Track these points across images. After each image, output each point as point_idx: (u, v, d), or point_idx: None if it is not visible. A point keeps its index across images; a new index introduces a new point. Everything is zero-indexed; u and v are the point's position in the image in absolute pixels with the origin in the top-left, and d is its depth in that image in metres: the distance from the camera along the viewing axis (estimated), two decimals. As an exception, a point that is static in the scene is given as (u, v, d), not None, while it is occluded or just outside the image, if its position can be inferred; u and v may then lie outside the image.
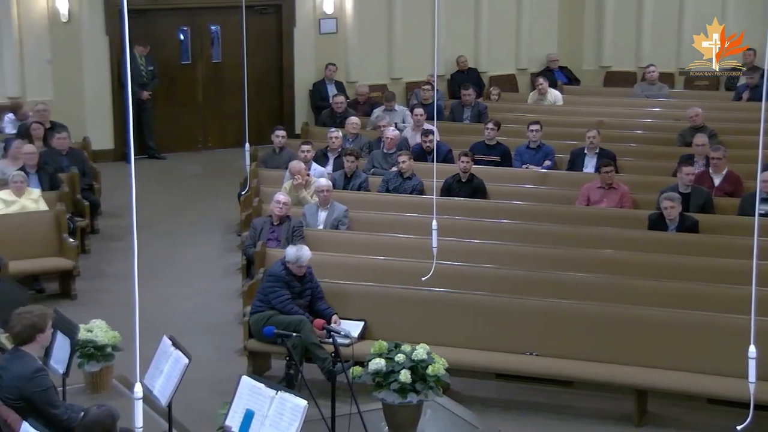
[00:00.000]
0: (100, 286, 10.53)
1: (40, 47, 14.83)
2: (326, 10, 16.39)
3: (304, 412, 5.26)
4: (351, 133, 12.90)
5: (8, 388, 5.95)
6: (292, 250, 8.34)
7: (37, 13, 14.80)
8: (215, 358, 8.69)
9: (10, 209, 10.48)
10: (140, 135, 15.22)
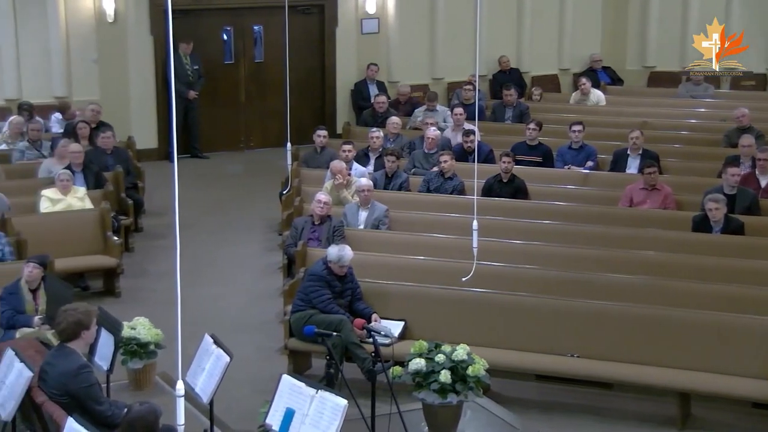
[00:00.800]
0: (144, 284, 10.63)
1: (86, 47, 15.02)
2: (368, 10, 16.41)
3: (344, 411, 5.28)
4: (392, 133, 12.91)
5: (54, 384, 6.03)
6: (334, 249, 8.36)
7: (84, 13, 14.99)
8: (256, 357, 8.74)
9: (56, 207, 10.62)
10: (185, 134, 15.35)
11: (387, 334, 7.33)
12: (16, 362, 6.04)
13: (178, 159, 5.64)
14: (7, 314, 8.12)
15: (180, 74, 14.97)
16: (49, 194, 10.65)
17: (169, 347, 7.64)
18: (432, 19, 16.92)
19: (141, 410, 5.22)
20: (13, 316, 8.13)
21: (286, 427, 5.46)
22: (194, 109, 15.38)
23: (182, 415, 5.04)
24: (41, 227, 10.17)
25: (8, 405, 6.00)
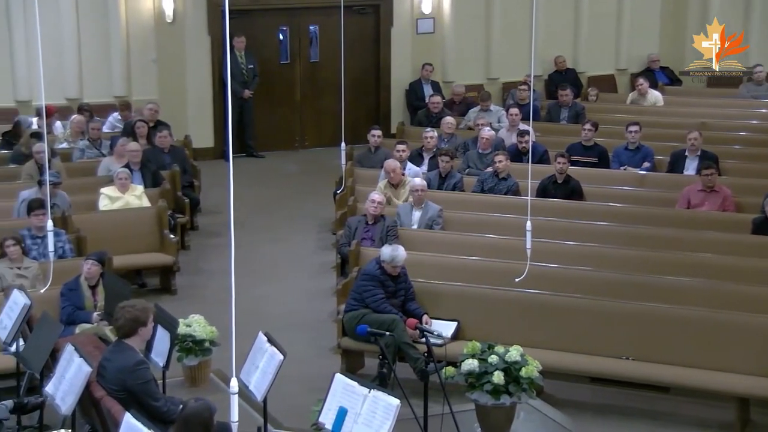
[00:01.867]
0: (199, 281, 10.74)
1: (145, 47, 15.23)
2: (424, 10, 16.40)
3: (396, 411, 5.29)
4: (446, 133, 12.89)
5: (111, 379, 6.12)
6: (388, 249, 8.37)
7: (144, 14, 15.20)
8: (309, 355, 8.78)
9: (114, 205, 10.78)
10: (240, 134, 15.48)
11: (439, 335, 7.32)
12: (76, 357, 6.14)
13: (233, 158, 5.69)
14: (67, 310, 8.26)
15: (235, 73, 15.10)
16: (108, 192, 10.81)
17: (223, 345, 7.73)
18: (487, 18, 16.85)
19: (196, 407, 5.27)
20: (73, 312, 8.27)
21: (338, 425, 5.48)
22: (249, 109, 15.50)
23: (236, 413, 5.09)
24: (100, 225, 10.33)
25: (68, 399, 6.10)
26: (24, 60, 14.39)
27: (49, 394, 6.30)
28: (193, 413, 5.25)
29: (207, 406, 5.30)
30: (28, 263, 8.82)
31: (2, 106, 14.42)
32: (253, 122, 15.67)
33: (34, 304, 7.29)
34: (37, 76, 8.41)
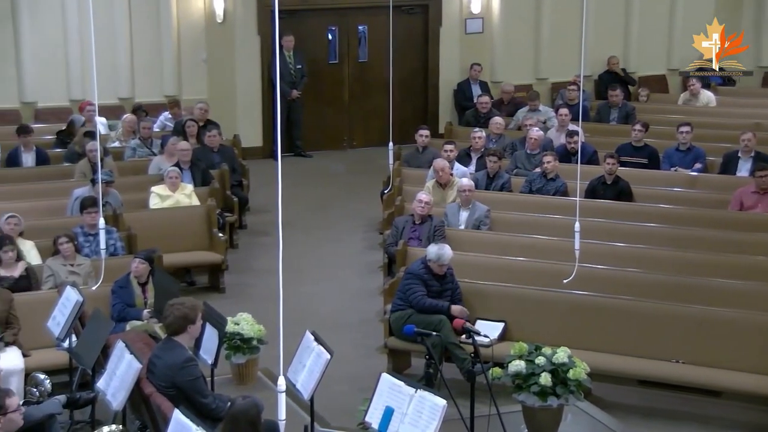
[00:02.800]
0: (247, 280, 10.81)
1: (196, 47, 15.38)
2: (473, 10, 16.35)
3: (443, 411, 5.28)
4: (494, 133, 12.85)
5: (161, 376, 6.19)
6: (434, 248, 8.36)
7: (195, 14, 15.35)
8: (356, 355, 8.80)
9: (165, 204, 10.89)
10: (288, 133, 15.56)
11: (486, 335, 7.30)
12: (126, 354, 6.22)
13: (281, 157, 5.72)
14: (117, 307, 8.36)
15: (284, 73, 15.18)
16: (158, 191, 10.93)
17: (271, 343, 7.79)
18: (537, 18, 16.75)
19: (244, 404, 5.31)
20: (124, 309, 8.37)
21: (385, 425, 5.49)
22: (297, 108, 15.58)
23: (283, 411, 5.13)
24: (151, 223, 10.44)
25: (119, 395, 6.18)
26: (78, 60, 14.60)
27: (101, 389, 6.39)
28: (241, 411, 5.29)
29: (254, 404, 5.34)
30: (80, 260, 8.94)
31: (57, 105, 14.64)
32: (301, 122, 15.75)
33: (86, 301, 7.39)
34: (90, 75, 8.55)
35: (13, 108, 14.27)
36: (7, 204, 10.14)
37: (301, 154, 15.81)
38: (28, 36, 14.46)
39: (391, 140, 11.71)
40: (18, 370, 7.46)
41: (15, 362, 7.51)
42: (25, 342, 7.83)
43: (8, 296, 7.95)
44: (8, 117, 13.62)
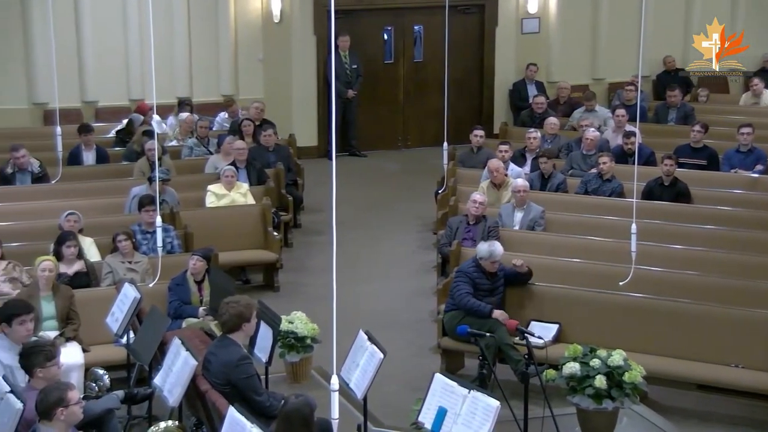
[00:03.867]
0: (301, 279, 10.87)
1: (253, 47, 15.51)
2: (530, 10, 16.27)
3: (496, 412, 5.26)
4: (549, 133, 12.77)
5: (216, 373, 6.25)
6: (485, 246, 8.34)
7: (252, 13, 15.48)
8: (409, 355, 8.80)
9: (221, 202, 11.00)
10: (343, 133, 15.62)
11: (540, 337, 7.26)
12: (182, 351, 6.28)
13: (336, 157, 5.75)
14: (174, 304, 8.45)
15: (339, 73, 15.23)
16: (214, 189, 11.04)
17: (324, 342, 7.82)
18: (595, 18, 16.60)
19: (297, 403, 5.34)
20: (180, 307, 8.46)
21: (438, 425, 5.49)
22: (353, 108, 15.62)
23: (336, 410, 5.15)
24: (207, 221, 10.54)
25: (175, 391, 6.25)
26: (138, 60, 14.82)
27: (157, 385, 6.47)
28: (294, 409, 5.32)
29: (307, 402, 5.36)
30: (138, 258, 9.06)
31: (117, 104, 14.88)
32: (356, 122, 15.79)
33: (144, 298, 7.49)
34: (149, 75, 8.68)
35: (75, 107, 14.52)
36: (67, 201, 10.33)
37: (355, 153, 15.85)
38: (89, 37, 14.71)
39: (446, 140, 11.69)
40: (78, 365, 7.58)
41: (75, 357, 7.63)
42: (84, 337, 7.95)
43: (69, 292, 8.09)
44: (70, 116, 13.86)
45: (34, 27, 14.25)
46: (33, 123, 14.49)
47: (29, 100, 14.57)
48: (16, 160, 11.26)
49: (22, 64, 14.44)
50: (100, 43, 14.77)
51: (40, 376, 5.94)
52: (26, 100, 14.57)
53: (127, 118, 13.75)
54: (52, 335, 7.62)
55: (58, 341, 7.35)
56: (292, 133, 14.21)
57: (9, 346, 6.58)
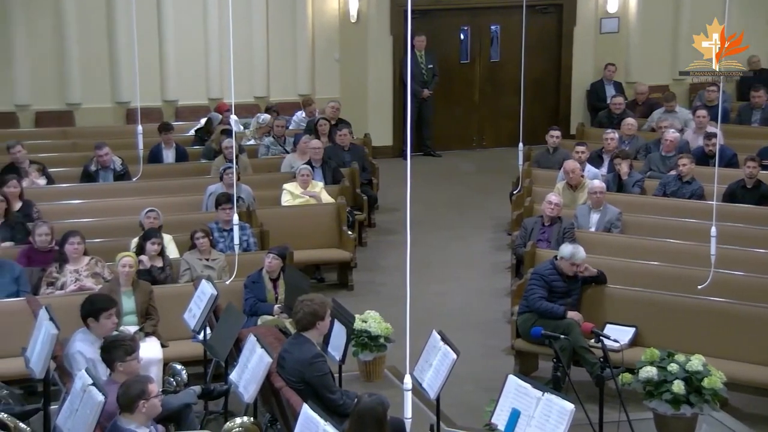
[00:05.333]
0: (375, 278, 10.90)
1: (330, 47, 15.62)
2: (609, 10, 16.08)
3: (570, 415, 5.21)
4: (627, 134, 12.59)
5: (290, 371, 6.30)
6: (569, 247, 8.25)
7: (330, 13, 15.60)
8: (482, 355, 8.77)
9: (296, 201, 11.09)
10: (418, 132, 15.62)
11: (616, 340, 7.16)
12: (258, 348, 6.34)
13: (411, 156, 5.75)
14: (250, 302, 8.55)
15: (415, 73, 15.25)
16: (290, 188, 11.14)
17: (398, 341, 7.84)
18: (676, 17, 16.32)
19: (370, 402, 5.34)
20: (255, 304, 8.55)
21: (511, 427, 5.45)
22: (428, 108, 15.63)
23: (409, 409, 5.16)
24: (282, 220, 10.64)
25: (250, 388, 6.32)
26: (217, 60, 15.05)
27: (233, 381, 6.55)
28: (367, 408, 5.32)
29: (380, 401, 5.37)
30: (215, 255, 9.18)
31: (196, 103, 15.12)
32: (431, 121, 15.79)
33: (220, 295, 7.57)
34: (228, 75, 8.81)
35: (156, 106, 14.81)
36: (147, 199, 10.53)
37: (430, 153, 15.86)
38: (171, 38, 14.99)
39: (521, 140, 11.62)
40: (157, 360, 7.71)
41: (154, 352, 7.77)
42: (163, 333, 8.09)
43: (148, 288, 8.25)
44: (152, 115, 14.15)
45: (118, 29, 14.57)
46: (116, 121, 14.84)
47: (112, 99, 14.91)
48: (100, 158, 11.52)
49: (106, 65, 14.77)
50: (181, 44, 15.04)
51: (120, 370, 6.06)
52: (110, 99, 14.91)
53: (206, 117, 13.96)
54: (131, 330, 7.78)
55: (138, 336, 7.49)
56: (367, 133, 14.27)
57: (92, 340, 6.74)
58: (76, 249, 8.56)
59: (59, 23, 14.49)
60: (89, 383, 5.58)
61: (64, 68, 14.62)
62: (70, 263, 8.58)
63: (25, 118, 14.56)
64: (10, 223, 9.50)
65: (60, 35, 14.52)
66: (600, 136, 12.48)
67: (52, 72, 14.61)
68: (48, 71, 14.58)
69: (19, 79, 14.43)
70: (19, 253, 8.94)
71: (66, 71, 14.63)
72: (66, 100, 14.74)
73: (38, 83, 14.55)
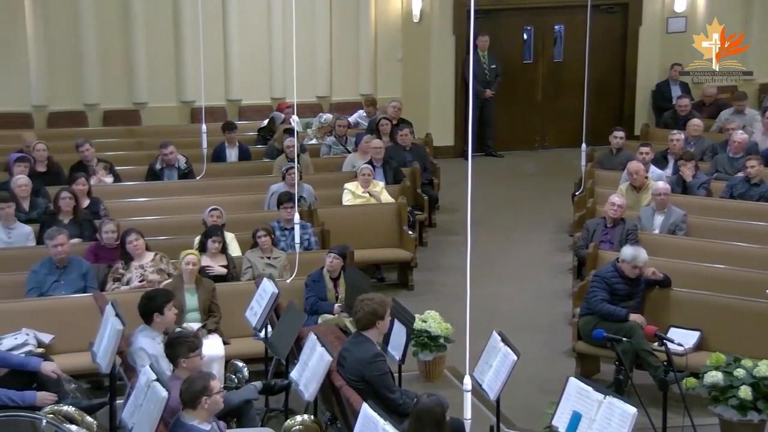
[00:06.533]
0: (435, 278, 10.89)
1: (392, 46, 15.64)
2: (676, 9, 15.85)
3: (633, 419, 5.14)
4: (692, 135, 12.40)
5: (350, 369, 6.33)
6: (630, 249, 8.16)
7: (393, 13, 15.62)
8: (543, 357, 8.71)
9: (357, 200, 11.13)
10: (480, 133, 15.57)
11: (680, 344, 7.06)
12: (318, 346, 6.38)
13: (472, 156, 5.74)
14: (310, 300, 8.60)
15: (478, 73, 15.19)
16: (351, 187, 11.17)
17: (458, 341, 7.82)
18: (745, 16, 16.00)
19: (429, 402, 5.34)
20: (316, 303, 8.59)
21: (572, 430, 5.41)
22: (490, 108, 15.56)
23: (469, 410, 5.15)
24: (343, 219, 10.67)
25: (310, 386, 6.36)
26: (280, 60, 15.16)
27: (294, 379, 6.60)
28: (426, 409, 5.32)
29: (440, 402, 5.36)
30: (277, 253, 9.25)
31: (259, 102, 15.26)
32: (493, 122, 15.72)
33: (281, 293, 7.63)
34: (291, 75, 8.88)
35: (219, 105, 14.97)
36: (211, 197, 10.65)
37: (492, 153, 15.79)
38: (235, 39, 15.13)
39: (584, 141, 11.51)
40: (219, 357, 7.79)
41: (216, 349, 7.85)
42: (225, 330, 8.18)
43: (211, 285, 8.34)
44: (216, 114, 14.32)
45: (184, 30, 14.76)
46: (181, 120, 15.04)
47: (178, 98, 15.11)
48: (165, 156, 11.69)
49: (172, 65, 14.98)
50: (245, 44, 15.18)
51: (183, 366, 6.14)
52: (175, 99, 15.11)
53: (269, 116, 14.07)
54: (194, 327, 7.88)
55: (201, 333, 7.59)
56: (429, 132, 14.26)
57: (153, 336, 6.84)
58: (136, 246, 8.70)
59: (127, 24, 14.73)
60: (153, 379, 5.67)
61: (131, 68, 14.86)
62: (135, 259, 8.72)
63: (93, 117, 14.83)
64: (78, 221, 9.69)
65: (128, 36, 14.76)
66: (665, 137, 12.32)
67: (120, 72, 14.86)
68: (116, 71, 14.84)
69: (89, 78, 14.70)
70: (86, 250, 9.11)
71: (133, 71, 14.87)
72: (133, 99, 14.98)
73: (106, 83, 14.80)
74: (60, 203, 9.66)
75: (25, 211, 10.06)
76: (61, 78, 14.55)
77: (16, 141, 12.58)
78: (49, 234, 8.66)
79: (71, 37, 14.54)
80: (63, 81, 14.57)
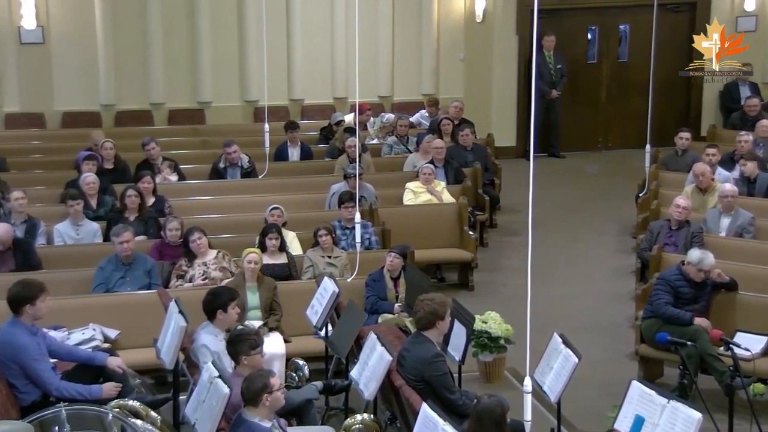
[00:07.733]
0: (496, 278, 10.84)
1: (454, 46, 15.61)
2: (746, 8, 15.56)
3: (698, 424, 5.06)
4: (761, 137, 12.15)
5: (410, 369, 6.33)
6: (697, 252, 8.04)
7: (456, 13, 15.59)
8: (605, 360, 8.61)
9: (418, 200, 11.13)
10: (544, 134, 15.44)
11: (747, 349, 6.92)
12: (378, 346, 6.39)
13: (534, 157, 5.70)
14: (371, 300, 8.62)
15: (543, 74, 15.09)
16: (412, 187, 11.17)
17: (518, 343, 7.78)
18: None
19: (489, 403, 5.32)
20: (376, 302, 8.60)
21: (634, 434, 5.34)
22: (555, 109, 15.44)
23: (529, 412, 5.12)
24: (404, 219, 10.67)
25: (370, 385, 6.37)
26: (343, 60, 15.22)
27: (354, 378, 6.62)
28: (486, 410, 5.30)
29: (500, 403, 5.34)
30: (337, 253, 9.28)
31: (321, 102, 15.34)
32: (558, 123, 15.60)
33: (342, 292, 7.66)
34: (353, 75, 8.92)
35: (282, 105, 15.08)
36: (273, 196, 10.73)
37: (554, 154, 15.67)
38: (299, 39, 15.22)
39: (649, 142, 11.36)
40: (280, 355, 7.85)
41: (277, 347, 7.91)
42: (286, 329, 8.23)
43: (272, 284, 8.41)
44: (278, 113, 14.43)
45: (248, 31, 14.89)
46: (244, 119, 15.18)
47: (241, 97, 15.26)
48: (228, 155, 11.81)
49: (236, 65, 15.13)
50: (308, 44, 15.26)
51: (245, 363, 6.20)
52: (239, 98, 15.27)
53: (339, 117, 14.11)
54: (256, 325, 7.95)
55: (262, 331, 7.66)
56: (490, 133, 14.20)
57: (215, 333, 6.92)
58: (199, 244, 8.79)
59: (192, 24, 14.92)
60: (215, 375, 5.73)
61: (196, 68, 15.04)
62: (198, 257, 8.82)
63: (159, 116, 15.06)
64: (143, 218, 9.84)
65: (193, 37, 14.95)
66: (732, 139, 12.09)
67: (185, 71, 15.05)
68: (181, 71, 15.04)
69: (155, 78, 14.92)
70: (151, 247, 9.25)
71: (198, 71, 15.05)
72: (197, 98, 15.17)
73: (172, 82, 15.01)
74: (126, 201, 9.83)
75: (93, 208, 10.25)
76: (129, 78, 14.80)
77: (86, 139, 12.82)
78: (115, 231, 8.81)
79: (139, 38, 14.77)
80: (130, 81, 14.82)
